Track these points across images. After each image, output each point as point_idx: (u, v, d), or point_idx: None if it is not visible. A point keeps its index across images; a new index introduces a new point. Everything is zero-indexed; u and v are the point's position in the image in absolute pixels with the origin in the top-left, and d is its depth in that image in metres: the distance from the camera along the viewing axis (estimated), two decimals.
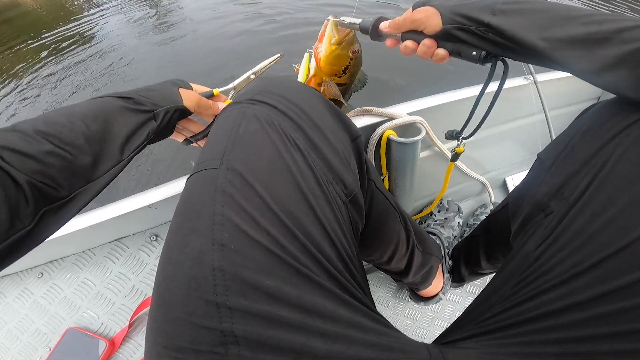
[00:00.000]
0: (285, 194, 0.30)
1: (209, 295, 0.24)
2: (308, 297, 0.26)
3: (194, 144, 0.56)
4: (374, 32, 0.51)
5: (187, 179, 0.32)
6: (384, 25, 0.50)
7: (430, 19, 0.42)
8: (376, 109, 0.61)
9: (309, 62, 0.64)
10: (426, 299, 0.77)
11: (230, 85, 0.59)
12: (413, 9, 0.46)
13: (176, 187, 0.60)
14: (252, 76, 0.60)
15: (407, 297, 0.83)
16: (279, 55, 0.61)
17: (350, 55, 0.59)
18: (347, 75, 0.62)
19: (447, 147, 0.72)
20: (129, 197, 0.60)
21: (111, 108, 0.40)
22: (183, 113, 0.50)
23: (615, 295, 0.26)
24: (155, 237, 0.69)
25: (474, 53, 0.41)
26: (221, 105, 0.56)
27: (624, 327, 0.25)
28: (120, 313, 0.71)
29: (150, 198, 0.59)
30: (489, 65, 0.43)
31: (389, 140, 0.60)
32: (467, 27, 0.40)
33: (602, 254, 0.28)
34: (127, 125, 0.40)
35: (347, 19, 0.55)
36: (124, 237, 0.69)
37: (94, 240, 0.69)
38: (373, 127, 0.60)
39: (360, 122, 0.60)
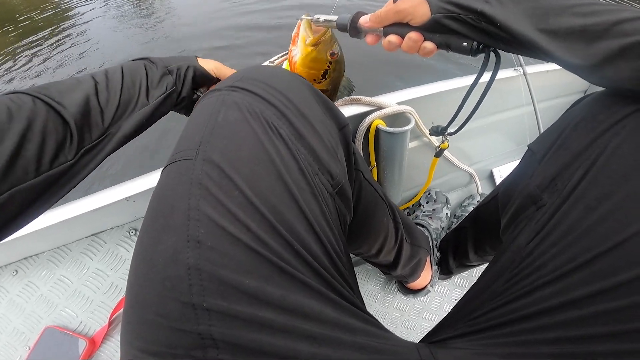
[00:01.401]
0: (267, 186, 0.28)
1: (184, 296, 0.22)
2: (292, 297, 0.25)
3: None
4: (352, 28, 0.47)
5: (162, 171, 0.30)
6: (364, 20, 0.45)
7: (417, 8, 0.39)
8: (365, 98, 0.59)
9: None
10: (414, 292, 0.77)
11: None
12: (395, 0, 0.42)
13: (156, 178, 0.57)
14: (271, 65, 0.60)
15: (396, 289, 0.83)
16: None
17: (329, 58, 0.53)
18: (327, 81, 0.56)
19: (435, 137, 0.71)
20: (105, 190, 0.57)
21: (135, 66, 0.46)
22: (202, 75, 0.51)
23: (612, 292, 0.25)
24: (134, 232, 0.66)
25: (465, 44, 0.38)
26: None
27: (623, 327, 0.24)
28: (99, 311, 0.69)
29: (128, 190, 0.56)
30: (480, 56, 0.40)
31: (377, 130, 0.59)
32: (458, 16, 0.36)
33: (598, 250, 0.27)
34: (145, 77, 0.45)
35: (322, 17, 0.50)
36: (101, 232, 0.66)
37: (69, 235, 0.66)
38: (361, 116, 0.59)
39: (348, 111, 0.59)
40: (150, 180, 0.57)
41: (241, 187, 0.26)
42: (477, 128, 0.79)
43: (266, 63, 0.60)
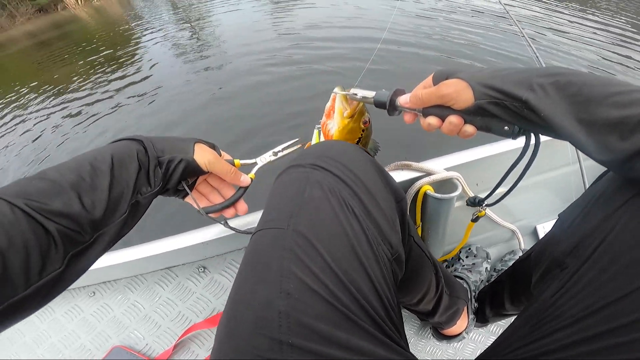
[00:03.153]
0: (342, 254, 0.35)
1: (273, 334, 0.30)
2: (354, 340, 0.31)
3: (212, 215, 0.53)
4: (391, 106, 0.47)
5: (255, 233, 0.38)
6: (404, 100, 0.46)
7: (461, 93, 0.40)
8: (415, 164, 0.65)
9: (319, 139, 0.61)
10: (449, 338, 0.80)
11: (252, 161, 0.58)
12: (435, 82, 0.44)
13: (224, 228, 0.66)
14: (273, 157, 0.59)
15: (429, 335, 0.85)
16: (296, 140, 0.60)
17: (362, 126, 0.55)
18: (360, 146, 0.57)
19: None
20: (183, 234, 0.67)
21: (125, 154, 0.43)
22: (194, 169, 0.48)
23: (617, 331, 0.31)
24: (203, 269, 0.75)
25: (506, 128, 0.39)
26: (245, 178, 0.55)
27: (629, 357, 0.30)
28: (165, 336, 0.77)
29: (203, 236, 0.65)
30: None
31: (425, 194, 0.64)
32: (501, 102, 0.38)
33: (609, 299, 0.33)
34: (135, 171, 0.43)
35: (360, 92, 0.50)
36: (175, 266, 0.75)
37: (146, 266, 0.76)
38: (411, 181, 0.64)
39: (399, 176, 0.65)
40: (219, 230, 0.66)
41: (322, 254, 0.34)
42: (522, 187, 0.81)
43: (269, 154, 0.59)
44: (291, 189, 0.39)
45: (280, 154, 0.59)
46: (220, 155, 0.54)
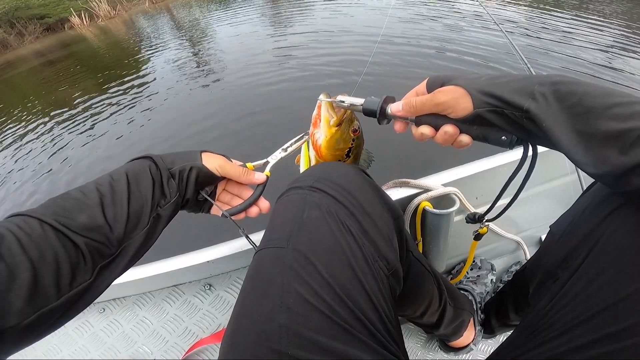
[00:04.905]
0: (339, 271, 0.37)
1: (275, 345, 0.31)
2: (352, 351, 0.33)
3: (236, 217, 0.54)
4: (381, 114, 0.44)
5: (257, 252, 0.40)
6: (395, 108, 0.43)
7: (459, 101, 0.37)
8: (412, 181, 0.66)
9: (308, 150, 0.58)
10: (456, 350, 0.80)
11: (263, 161, 0.59)
12: (429, 88, 0.41)
13: (230, 247, 0.68)
14: (283, 153, 0.60)
15: (437, 347, 0.85)
16: (303, 135, 0.60)
17: (352, 135, 0.51)
18: (352, 158, 0.55)
19: (479, 211, 0.75)
20: (190, 253, 0.69)
21: (139, 170, 0.45)
22: (205, 176, 0.50)
23: (607, 339, 0.32)
24: (209, 286, 0.77)
25: (504, 138, 0.37)
26: (259, 175, 0.56)
27: None
28: (172, 351, 0.79)
29: (209, 255, 0.67)
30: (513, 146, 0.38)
31: (424, 210, 0.65)
32: (501, 110, 0.35)
33: (596, 309, 0.34)
34: (150, 185, 0.45)
35: (347, 99, 0.47)
36: (181, 284, 0.77)
37: (154, 284, 0.78)
38: (410, 198, 0.65)
39: (398, 193, 0.66)
40: (224, 249, 0.68)
41: (321, 271, 0.36)
42: (525, 198, 0.81)
43: (279, 152, 0.59)
44: (291, 210, 0.41)
45: (290, 149, 0.60)
46: (231, 161, 0.55)
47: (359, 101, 0.45)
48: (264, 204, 0.56)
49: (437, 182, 0.66)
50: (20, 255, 0.32)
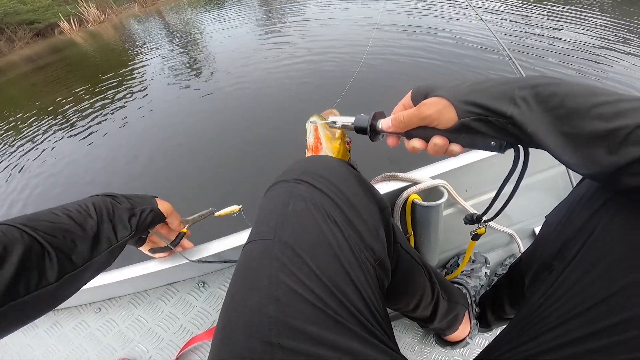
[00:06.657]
0: (326, 262, 0.37)
1: (265, 337, 0.32)
2: (342, 340, 0.33)
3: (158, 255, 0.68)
4: (373, 131, 0.45)
5: (245, 245, 0.41)
6: (385, 125, 0.45)
7: (443, 113, 0.38)
8: (401, 175, 0.66)
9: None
10: (452, 344, 0.80)
11: (191, 217, 0.74)
12: (414, 100, 0.43)
13: (221, 244, 0.69)
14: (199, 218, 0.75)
15: (433, 342, 0.85)
16: (210, 209, 0.75)
17: (348, 146, 0.55)
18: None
19: (469, 203, 0.75)
20: (185, 251, 0.70)
21: (104, 204, 0.55)
22: (158, 218, 0.62)
23: (602, 333, 0.32)
24: (202, 284, 0.77)
25: (493, 143, 0.38)
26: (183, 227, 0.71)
27: (610, 358, 0.31)
28: (167, 348, 0.79)
29: (203, 253, 0.68)
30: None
31: (413, 203, 0.65)
32: (485, 118, 0.36)
33: (591, 302, 0.34)
34: (113, 217, 0.54)
35: (339, 119, 0.49)
36: (176, 282, 0.78)
37: (150, 283, 0.79)
38: (398, 191, 0.66)
39: (386, 187, 0.66)
40: (218, 246, 0.69)
41: (308, 262, 0.36)
42: (516, 192, 0.82)
43: (197, 215, 0.75)
44: (276, 202, 0.42)
45: (193, 219, 0.74)
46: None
47: (349, 120, 0.47)
48: (187, 244, 0.74)
49: (425, 175, 0.67)
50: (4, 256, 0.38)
